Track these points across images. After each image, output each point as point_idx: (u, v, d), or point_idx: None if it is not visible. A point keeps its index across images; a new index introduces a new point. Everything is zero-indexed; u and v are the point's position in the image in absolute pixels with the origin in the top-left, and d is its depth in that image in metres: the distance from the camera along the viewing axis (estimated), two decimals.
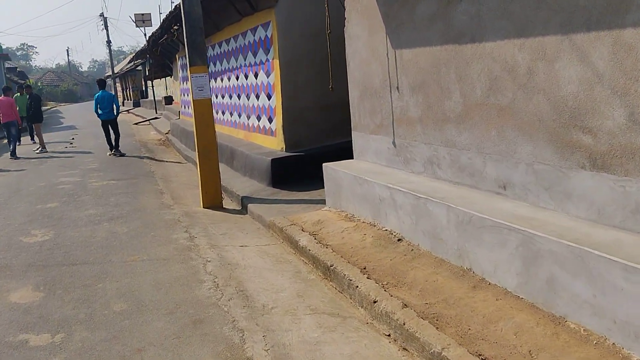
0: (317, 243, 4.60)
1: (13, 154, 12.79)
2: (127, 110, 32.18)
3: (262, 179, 7.19)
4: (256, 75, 8.20)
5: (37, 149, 13.95)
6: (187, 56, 6.60)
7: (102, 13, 42.96)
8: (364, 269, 3.95)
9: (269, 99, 7.76)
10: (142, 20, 23.59)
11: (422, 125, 4.49)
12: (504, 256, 3.24)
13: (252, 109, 8.62)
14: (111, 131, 12.33)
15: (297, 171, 7.10)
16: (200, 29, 6.59)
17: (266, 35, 7.58)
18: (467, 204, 3.65)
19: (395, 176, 4.76)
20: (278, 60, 7.21)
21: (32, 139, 15.84)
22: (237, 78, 9.25)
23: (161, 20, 13.35)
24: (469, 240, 3.55)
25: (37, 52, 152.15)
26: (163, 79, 25.34)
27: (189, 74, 6.59)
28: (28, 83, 18.10)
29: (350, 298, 3.73)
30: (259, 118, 8.30)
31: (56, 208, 7.12)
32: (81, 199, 7.61)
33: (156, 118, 22.26)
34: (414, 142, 4.64)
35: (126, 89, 41.89)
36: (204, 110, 6.66)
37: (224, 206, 6.85)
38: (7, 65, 27.17)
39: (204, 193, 6.80)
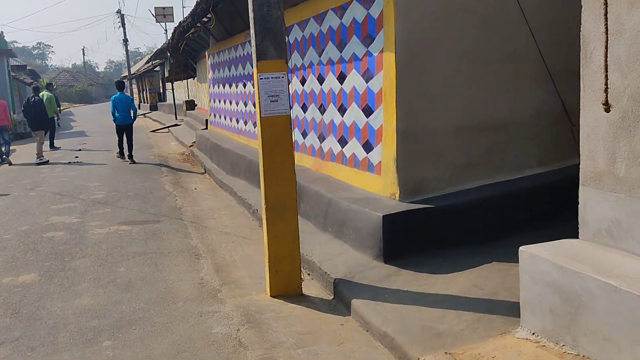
0: None
1: (2, 160, 12.16)
2: (144, 114, 29.63)
3: (364, 245, 4.42)
4: (342, 78, 5.43)
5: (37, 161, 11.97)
6: (253, 43, 3.86)
7: (119, 10, 40.56)
8: None
9: (367, 115, 4.98)
10: (162, 14, 20.98)
11: None
12: None
13: (329, 127, 5.83)
14: (125, 138, 11.48)
15: (423, 235, 4.32)
16: None
17: (367, 14, 4.81)
18: None
19: None
20: (393, 54, 4.42)
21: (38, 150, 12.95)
22: (303, 81, 6.48)
23: (186, 12, 10.79)
24: None
25: (53, 52, 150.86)
26: (183, 81, 22.78)
27: (255, 72, 3.86)
28: (36, 84, 15.60)
29: None
30: (342, 142, 5.51)
31: (31, 288, 4.41)
32: (74, 266, 4.89)
33: (177, 125, 19.57)
34: None
35: (143, 91, 39.41)
36: (278, 133, 3.91)
37: (303, 292, 4.11)
38: (14, 63, 24.71)
39: (273, 272, 4.04)
